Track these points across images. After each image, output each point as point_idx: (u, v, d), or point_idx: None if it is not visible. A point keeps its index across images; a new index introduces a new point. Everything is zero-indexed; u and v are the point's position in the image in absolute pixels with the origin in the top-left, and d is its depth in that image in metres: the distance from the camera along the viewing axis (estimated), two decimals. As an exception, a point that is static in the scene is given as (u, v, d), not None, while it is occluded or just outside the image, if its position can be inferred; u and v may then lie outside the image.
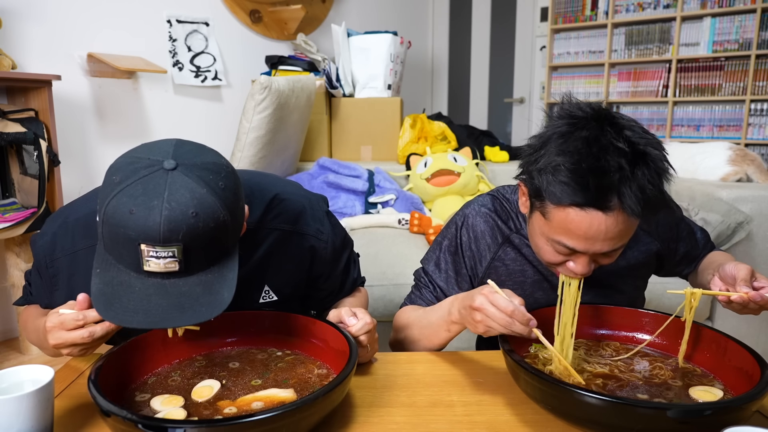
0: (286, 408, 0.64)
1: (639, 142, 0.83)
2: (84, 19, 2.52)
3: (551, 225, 0.88)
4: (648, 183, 0.81)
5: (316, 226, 1.05)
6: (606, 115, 0.86)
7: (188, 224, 0.70)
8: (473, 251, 1.11)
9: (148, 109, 2.82)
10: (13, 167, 2.20)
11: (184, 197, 0.70)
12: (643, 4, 3.85)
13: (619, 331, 0.99)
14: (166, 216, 0.69)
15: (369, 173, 2.76)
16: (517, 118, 4.71)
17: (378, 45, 3.19)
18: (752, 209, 2.15)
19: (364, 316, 0.90)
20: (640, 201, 0.81)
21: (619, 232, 0.85)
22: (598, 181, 0.81)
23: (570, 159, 0.83)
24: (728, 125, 3.68)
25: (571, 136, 0.84)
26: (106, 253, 0.75)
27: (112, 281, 0.73)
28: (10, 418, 0.64)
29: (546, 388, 0.72)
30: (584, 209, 0.83)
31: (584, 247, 0.87)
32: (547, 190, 0.86)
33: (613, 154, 0.81)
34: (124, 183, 0.71)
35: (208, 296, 0.73)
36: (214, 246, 0.75)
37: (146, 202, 0.69)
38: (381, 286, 2.05)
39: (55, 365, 0.83)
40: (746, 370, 0.79)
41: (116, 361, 0.80)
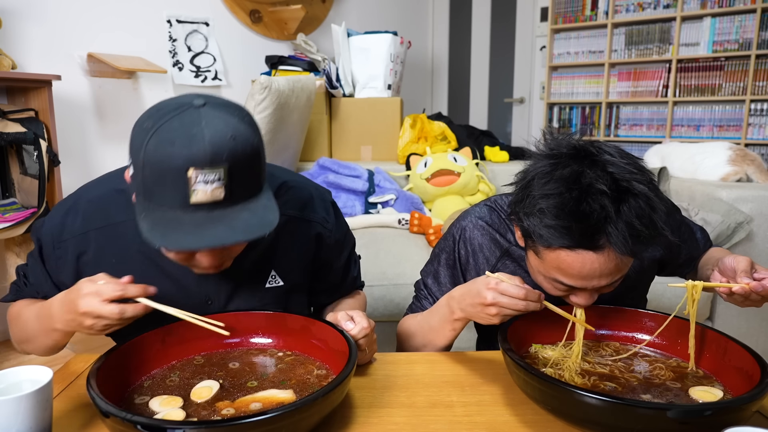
0: (286, 408, 0.64)
1: (623, 177, 0.81)
2: (84, 19, 2.52)
3: (545, 265, 0.89)
4: (635, 218, 0.79)
5: (322, 214, 1.06)
6: (586, 153, 0.84)
7: (229, 147, 0.73)
8: (471, 265, 1.11)
9: (148, 109, 2.82)
10: (13, 167, 2.20)
11: (219, 125, 0.74)
12: (643, 4, 3.85)
13: (619, 331, 0.99)
14: (209, 139, 0.72)
15: (369, 173, 2.76)
16: (517, 118, 4.71)
17: (378, 45, 3.19)
18: (752, 209, 2.15)
19: (361, 320, 0.90)
20: (629, 238, 0.79)
21: (614, 268, 0.84)
22: (581, 225, 0.80)
23: (552, 202, 0.82)
24: (728, 125, 3.68)
25: (552, 176, 0.83)
26: (147, 201, 0.76)
27: (161, 220, 0.74)
28: (8, 419, 0.64)
29: (546, 388, 0.72)
30: (574, 250, 0.83)
31: (581, 285, 0.87)
32: (535, 233, 0.85)
33: (595, 195, 0.79)
34: (158, 124, 0.74)
35: (256, 219, 0.77)
36: (253, 173, 0.78)
37: (186, 132, 0.72)
38: (381, 286, 2.05)
39: (54, 366, 0.82)
40: (746, 371, 0.78)
41: (115, 361, 0.79)
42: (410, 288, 2.08)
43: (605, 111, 4.07)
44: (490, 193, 2.77)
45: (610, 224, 0.79)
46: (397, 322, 2.11)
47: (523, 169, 0.92)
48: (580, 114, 4.21)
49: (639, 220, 0.80)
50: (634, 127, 4.01)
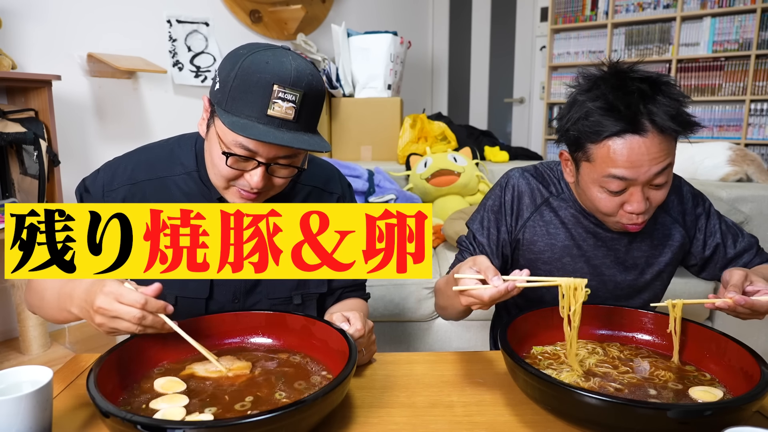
0: (286, 408, 0.64)
1: (653, 76, 0.95)
2: (84, 19, 2.52)
3: (596, 165, 0.96)
4: (673, 100, 0.91)
5: (342, 190, 1.16)
6: (617, 63, 0.99)
7: (308, 78, 0.88)
8: (514, 209, 1.18)
9: (148, 109, 2.82)
10: (13, 167, 2.20)
11: (302, 64, 0.89)
12: (643, 4, 3.85)
13: (619, 331, 0.99)
14: (295, 67, 0.87)
15: (369, 173, 2.76)
16: (517, 118, 4.71)
17: (378, 45, 3.19)
18: (752, 209, 2.15)
19: (357, 321, 0.91)
20: (670, 117, 0.90)
21: (660, 152, 0.93)
22: (624, 104, 0.91)
23: (598, 101, 0.94)
24: (728, 125, 3.68)
25: (593, 86, 0.97)
26: (229, 105, 0.87)
27: (239, 120, 0.86)
28: (8, 419, 0.64)
29: (546, 388, 0.72)
30: (621, 136, 0.92)
31: (633, 174, 0.94)
32: (583, 133, 0.96)
33: (633, 82, 0.93)
34: (254, 51, 0.88)
35: (314, 141, 0.90)
36: (316, 111, 0.92)
37: (278, 59, 0.87)
38: (381, 286, 2.05)
39: (54, 366, 0.82)
40: (746, 370, 0.78)
41: (115, 361, 0.79)
42: (410, 288, 2.09)
43: (605, 111, 4.07)
44: (490, 193, 2.77)
45: (650, 103, 0.91)
46: (397, 322, 2.13)
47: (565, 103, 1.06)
48: (580, 114, 4.21)
49: (674, 101, 0.92)
50: (634, 127, 4.01)
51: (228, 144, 0.89)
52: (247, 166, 0.91)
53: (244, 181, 0.93)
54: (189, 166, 1.04)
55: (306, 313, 1.01)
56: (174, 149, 1.06)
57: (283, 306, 1.07)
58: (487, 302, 0.83)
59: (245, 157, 0.90)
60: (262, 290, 1.05)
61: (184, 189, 1.03)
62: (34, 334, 2.17)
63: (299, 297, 1.08)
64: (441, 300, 1.15)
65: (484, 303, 0.84)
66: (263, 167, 0.91)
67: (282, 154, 0.91)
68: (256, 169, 0.91)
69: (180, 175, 1.03)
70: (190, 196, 1.02)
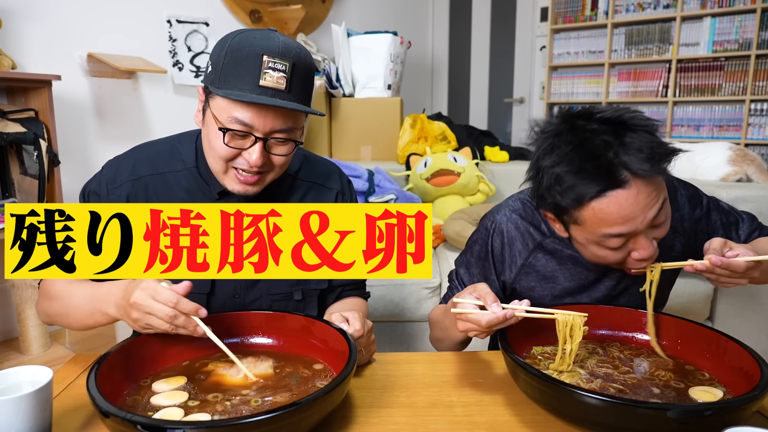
0: (286, 408, 0.64)
1: (611, 116, 0.86)
2: (84, 19, 2.52)
3: (587, 227, 0.89)
4: (643, 142, 0.83)
5: (342, 186, 1.16)
6: (569, 115, 0.91)
7: (296, 50, 0.91)
8: (504, 257, 1.11)
9: (148, 109, 2.82)
10: (13, 167, 2.20)
11: (289, 39, 0.93)
12: (643, 4, 3.85)
13: (619, 331, 0.99)
14: (282, 41, 0.90)
15: (369, 173, 2.76)
16: (517, 118, 4.71)
17: (378, 45, 3.19)
18: (752, 209, 2.14)
19: (355, 321, 0.91)
20: (646, 159, 0.82)
21: (648, 195, 0.85)
22: (593, 163, 0.83)
23: (564, 163, 0.86)
24: (728, 125, 3.68)
25: (552, 148, 0.89)
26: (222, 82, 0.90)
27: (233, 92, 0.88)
28: (8, 419, 0.64)
29: (546, 388, 0.72)
30: (603, 195, 0.84)
31: (630, 228, 0.87)
32: (563, 201, 0.88)
33: (594, 135, 0.85)
34: (242, 31, 0.92)
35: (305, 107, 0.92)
36: (307, 83, 0.94)
37: (266, 35, 0.91)
38: (381, 286, 2.05)
39: (54, 366, 0.82)
40: (746, 370, 0.78)
41: (115, 361, 0.79)
42: (410, 288, 2.09)
43: (605, 111, 4.06)
44: (490, 193, 2.77)
45: (621, 153, 0.83)
46: (397, 322, 2.13)
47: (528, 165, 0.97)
48: (580, 114, 4.20)
49: (643, 139, 0.83)
50: (634, 127, 4.00)
51: (224, 121, 0.90)
52: (245, 143, 0.92)
53: (243, 160, 0.94)
54: (189, 162, 1.05)
55: (306, 312, 1.01)
56: (175, 144, 1.08)
57: (284, 302, 1.07)
58: (485, 327, 0.83)
59: (242, 133, 0.91)
60: (263, 286, 1.05)
61: (185, 185, 1.04)
62: (34, 334, 2.17)
63: (300, 293, 1.08)
64: (436, 332, 1.14)
65: (482, 328, 0.83)
66: (261, 143, 0.92)
67: (278, 127, 0.92)
68: (254, 146, 0.92)
69: (180, 171, 1.05)
70: (190, 192, 1.04)
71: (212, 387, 0.81)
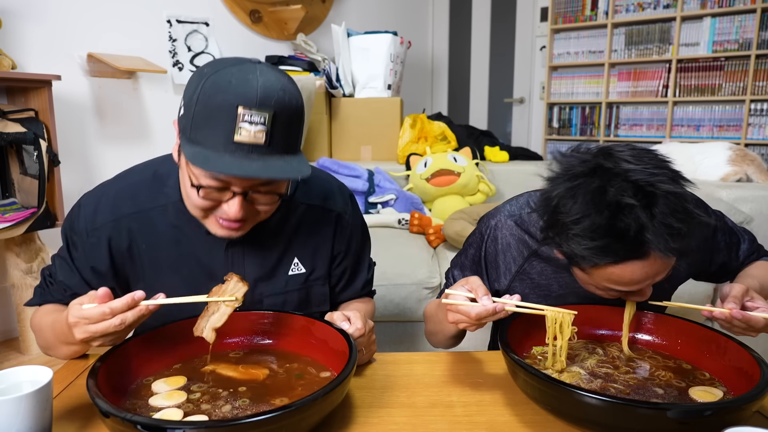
0: (286, 408, 0.64)
1: (646, 182, 0.79)
2: (84, 19, 2.52)
3: (595, 278, 0.88)
4: (670, 217, 0.78)
5: (342, 204, 1.10)
6: (602, 167, 0.82)
7: (278, 95, 0.80)
8: (498, 263, 1.10)
9: (148, 109, 2.82)
10: (13, 167, 2.20)
11: (271, 78, 0.81)
12: (643, 4, 3.85)
13: (619, 331, 0.99)
14: (261, 84, 0.79)
15: (369, 173, 2.76)
16: (517, 118, 4.71)
17: (378, 45, 3.19)
18: (752, 209, 2.15)
19: (357, 320, 0.91)
20: (669, 239, 0.78)
21: (661, 267, 0.84)
22: (624, 241, 0.79)
23: (585, 225, 0.80)
24: (728, 125, 3.68)
25: (575, 199, 0.82)
26: (193, 134, 0.81)
27: (202, 151, 0.80)
28: (8, 419, 0.64)
29: (546, 388, 0.72)
30: (621, 263, 0.82)
31: (636, 288, 0.87)
32: (577, 257, 0.84)
33: (626, 211, 0.78)
34: (219, 68, 0.81)
35: (288, 167, 0.82)
36: (293, 129, 0.84)
37: (243, 76, 0.79)
38: (381, 286, 2.05)
39: (54, 366, 0.82)
40: (746, 370, 0.78)
41: (115, 361, 0.79)
42: (410, 288, 2.09)
43: (605, 111, 4.07)
44: (490, 193, 2.77)
45: (647, 232, 0.78)
46: (397, 322, 2.13)
47: (541, 192, 0.91)
48: (580, 114, 4.21)
49: (674, 217, 0.78)
50: (634, 127, 4.00)
51: (197, 176, 0.83)
52: (223, 196, 0.86)
53: (223, 210, 0.87)
54: (173, 196, 0.96)
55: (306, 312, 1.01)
56: (157, 173, 0.99)
57: None
58: (474, 319, 0.83)
59: (219, 188, 0.84)
60: None
61: (171, 220, 0.97)
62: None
63: None
64: (430, 325, 1.14)
65: (471, 320, 0.83)
66: (240, 196, 0.85)
67: (259, 182, 0.85)
68: (233, 199, 0.85)
69: (165, 205, 0.96)
70: (178, 228, 0.97)
71: (212, 387, 0.80)
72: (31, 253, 2.16)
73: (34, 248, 2.17)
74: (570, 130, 4.26)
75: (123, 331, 0.78)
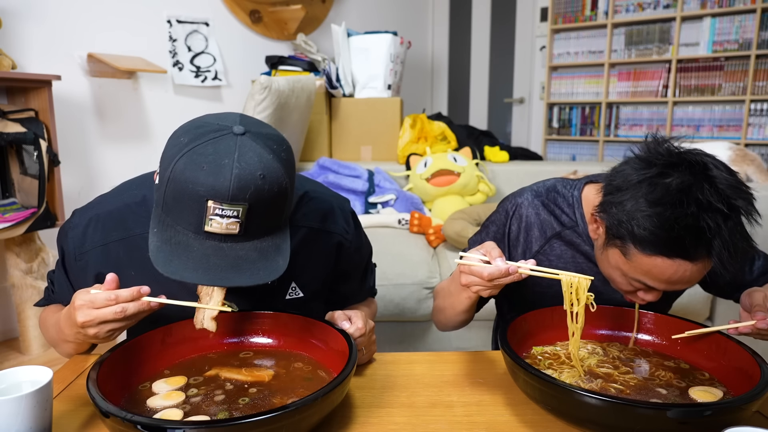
0: (286, 408, 0.64)
1: (732, 195, 0.81)
2: (84, 19, 2.52)
3: (633, 266, 0.88)
4: (738, 233, 0.81)
5: (342, 225, 1.06)
6: (701, 165, 0.83)
7: (256, 185, 0.73)
8: (520, 241, 1.11)
9: (148, 109, 2.82)
10: (13, 167, 2.20)
11: (252, 160, 0.73)
12: (643, 4, 3.85)
13: (619, 331, 0.99)
14: (237, 174, 0.72)
15: (369, 173, 2.76)
16: (517, 118, 4.71)
17: (378, 45, 3.19)
18: (752, 209, 2.14)
19: (358, 320, 0.91)
20: (731, 252, 0.80)
21: (699, 273, 0.84)
22: (693, 240, 0.80)
23: (663, 211, 0.81)
24: (728, 125, 3.68)
25: (658, 184, 0.82)
26: (164, 214, 0.77)
27: (170, 240, 0.76)
28: (8, 419, 0.64)
29: (545, 388, 0.72)
30: (672, 258, 0.82)
31: (664, 288, 0.87)
32: (633, 236, 0.84)
33: (713, 213, 0.79)
34: (194, 143, 0.74)
35: (264, 262, 0.77)
36: (274, 212, 0.78)
37: (217, 160, 0.72)
38: (381, 286, 2.04)
39: (54, 366, 0.82)
40: (746, 370, 0.78)
41: (115, 361, 0.79)
42: (410, 288, 2.09)
43: (605, 111, 4.07)
44: (490, 193, 2.77)
45: (717, 239, 0.79)
46: (397, 322, 2.13)
47: (616, 167, 0.91)
48: (579, 114, 4.21)
49: (740, 235, 0.81)
50: (633, 128, 4.01)
51: None
52: None
53: None
54: None
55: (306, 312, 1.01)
56: (146, 198, 0.96)
57: None
58: (486, 279, 0.82)
59: None
60: None
61: None
62: (34, 334, 2.17)
63: None
64: (439, 300, 1.13)
65: (483, 281, 0.83)
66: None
67: None
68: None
69: None
70: None
71: (212, 387, 0.81)
72: (31, 253, 2.16)
73: (34, 248, 2.18)
74: (570, 130, 4.26)
75: (122, 323, 0.78)
